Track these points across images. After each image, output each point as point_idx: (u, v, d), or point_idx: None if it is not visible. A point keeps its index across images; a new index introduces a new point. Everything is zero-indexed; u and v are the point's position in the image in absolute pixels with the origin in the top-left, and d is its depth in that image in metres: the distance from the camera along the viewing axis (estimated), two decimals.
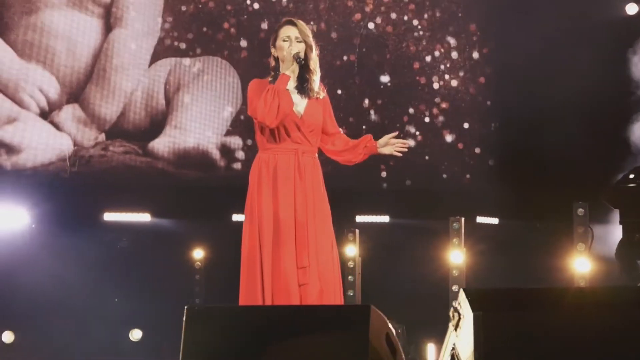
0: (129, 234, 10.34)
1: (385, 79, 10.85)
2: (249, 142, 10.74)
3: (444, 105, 10.89)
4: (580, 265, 7.96)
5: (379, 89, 10.86)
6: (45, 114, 10.37)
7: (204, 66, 10.76)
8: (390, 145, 5.66)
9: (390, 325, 3.84)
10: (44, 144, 10.34)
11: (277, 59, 5.57)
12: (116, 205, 10.34)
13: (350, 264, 8.97)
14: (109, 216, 10.31)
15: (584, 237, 7.86)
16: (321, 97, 5.59)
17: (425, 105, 10.88)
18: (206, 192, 10.40)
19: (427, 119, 10.87)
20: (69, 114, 10.43)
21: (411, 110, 10.88)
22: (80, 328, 9.67)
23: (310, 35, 5.54)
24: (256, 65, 10.52)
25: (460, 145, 10.88)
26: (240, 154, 10.71)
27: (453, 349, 3.74)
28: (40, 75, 10.36)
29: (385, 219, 10.59)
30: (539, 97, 10.26)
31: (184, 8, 10.71)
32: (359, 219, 10.48)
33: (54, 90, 10.40)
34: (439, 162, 10.88)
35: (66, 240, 9.72)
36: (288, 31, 5.52)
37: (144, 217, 10.39)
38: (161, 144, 10.62)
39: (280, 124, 5.42)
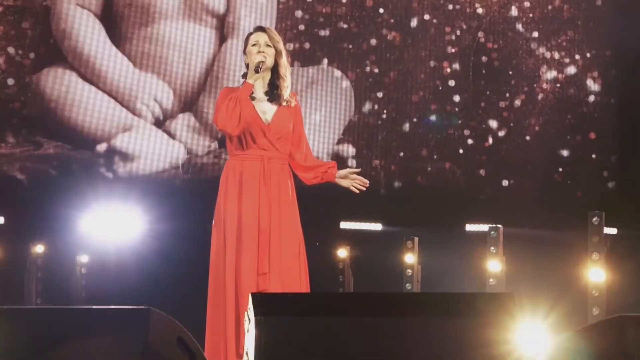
0: None
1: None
2: (364, 151, 10.71)
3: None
4: (595, 275, 7.60)
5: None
6: (159, 123, 10.59)
7: (316, 75, 10.79)
8: (350, 179, 5.65)
9: (184, 329, 3.75)
10: (157, 152, 10.56)
11: (247, 66, 5.55)
12: None
13: (409, 272, 8.77)
14: None
15: (598, 247, 7.51)
16: (292, 105, 5.56)
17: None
18: (316, 199, 10.38)
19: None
20: (182, 123, 10.63)
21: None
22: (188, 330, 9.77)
23: (281, 42, 5.53)
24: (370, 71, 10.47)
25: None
26: (352, 162, 10.67)
27: (246, 353, 3.77)
28: (155, 85, 10.60)
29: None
30: None
31: (299, 24, 10.78)
32: (469, 227, 10.29)
33: (168, 99, 10.62)
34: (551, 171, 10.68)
35: (177, 246, 9.87)
36: (257, 37, 5.52)
37: None
38: None
39: (245, 131, 5.41)
